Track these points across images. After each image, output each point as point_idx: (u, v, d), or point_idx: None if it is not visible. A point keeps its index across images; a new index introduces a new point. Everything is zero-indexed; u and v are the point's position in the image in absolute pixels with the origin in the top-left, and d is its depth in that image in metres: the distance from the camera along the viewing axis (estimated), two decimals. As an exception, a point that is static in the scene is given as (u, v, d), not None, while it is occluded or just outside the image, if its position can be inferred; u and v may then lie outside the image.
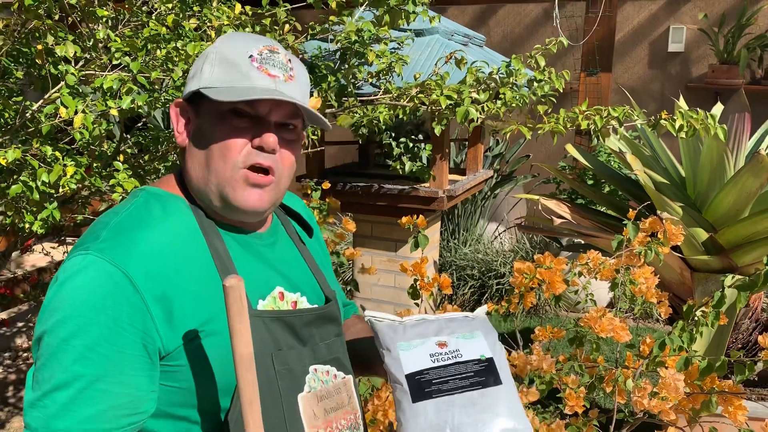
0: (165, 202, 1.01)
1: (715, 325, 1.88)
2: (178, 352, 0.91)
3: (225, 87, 0.96)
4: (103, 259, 0.89)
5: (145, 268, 0.90)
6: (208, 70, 0.99)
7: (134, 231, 0.94)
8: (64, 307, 0.87)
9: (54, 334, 0.87)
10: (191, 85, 1.01)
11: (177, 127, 1.04)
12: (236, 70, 0.97)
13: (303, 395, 1.01)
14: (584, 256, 2.01)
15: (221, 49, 1.00)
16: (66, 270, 0.90)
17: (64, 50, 1.65)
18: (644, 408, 1.67)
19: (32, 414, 0.86)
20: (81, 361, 0.85)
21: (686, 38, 5.84)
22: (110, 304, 0.87)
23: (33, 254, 4.81)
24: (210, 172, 0.98)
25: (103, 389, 0.86)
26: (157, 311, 0.90)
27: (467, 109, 1.82)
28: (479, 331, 1.13)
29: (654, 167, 3.21)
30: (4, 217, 1.97)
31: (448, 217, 5.32)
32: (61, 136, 2.23)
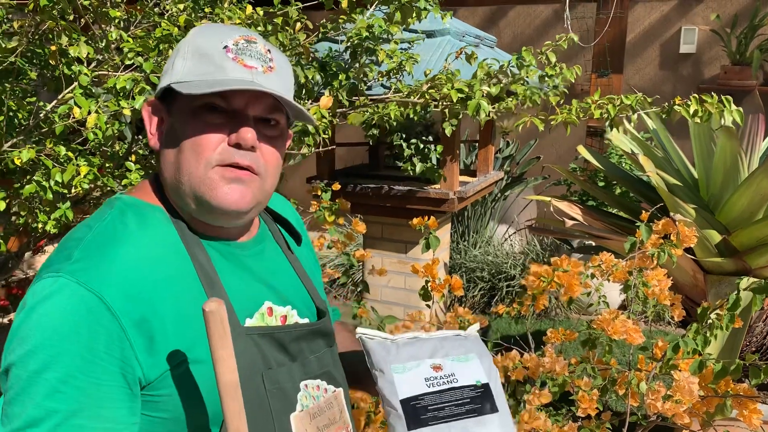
0: (142, 213, 0.92)
1: (730, 328, 1.87)
2: (160, 380, 0.84)
3: (197, 81, 0.88)
4: (75, 282, 0.81)
5: (122, 291, 0.82)
6: (180, 64, 0.91)
7: (109, 248, 0.85)
8: (34, 336, 0.79)
9: (23, 366, 0.79)
10: (162, 82, 0.93)
11: (150, 128, 0.96)
12: (209, 62, 0.89)
13: (295, 415, 0.95)
14: (597, 258, 1.99)
15: (194, 41, 0.92)
16: (35, 294, 0.82)
17: (77, 51, 1.66)
18: (658, 411, 1.65)
19: None
20: (54, 396, 0.78)
21: (698, 39, 5.80)
22: (84, 332, 0.79)
23: (45, 255, 4.84)
24: (182, 173, 0.90)
25: (80, 425, 0.79)
26: (136, 337, 0.82)
27: (479, 103, 1.80)
28: (474, 354, 1.11)
29: (666, 169, 3.19)
30: (18, 217, 1.98)
31: (457, 219, 5.31)
32: (74, 136, 2.23)
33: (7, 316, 4.35)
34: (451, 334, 1.14)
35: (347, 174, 3.35)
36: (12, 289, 4.26)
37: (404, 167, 2.96)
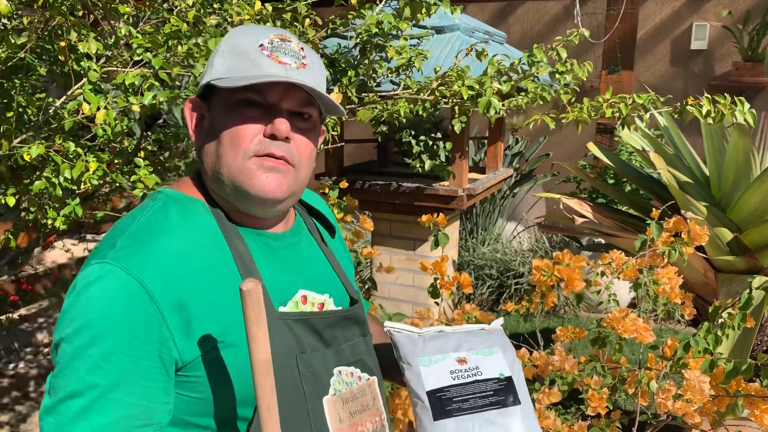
0: (183, 206, 0.98)
1: (741, 327, 1.85)
2: (196, 362, 0.90)
3: (235, 77, 0.94)
4: (119, 268, 0.87)
5: (162, 277, 0.88)
6: (219, 62, 0.97)
7: (151, 238, 0.92)
8: (81, 317, 0.86)
9: (70, 343, 0.86)
10: (203, 80, 1.00)
11: (190, 125, 1.02)
12: (246, 59, 0.94)
13: (328, 398, 0.99)
14: (607, 255, 1.98)
15: (232, 40, 0.98)
16: (83, 279, 0.89)
17: (86, 47, 1.66)
18: (668, 410, 1.64)
19: (47, 420, 0.86)
20: (96, 371, 0.85)
21: (709, 35, 5.76)
22: (125, 314, 0.86)
23: (54, 251, 4.86)
24: (221, 164, 0.95)
25: (117, 399, 0.85)
26: (174, 321, 0.88)
27: (489, 100, 1.79)
28: (498, 348, 1.14)
29: (677, 166, 3.16)
30: (27, 213, 1.98)
31: (466, 216, 5.30)
32: (83, 133, 2.24)
33: (18, 311, 4.38)
34: (476, 329, 1.17)
35: (356, 171, 3.34)
36: (22, 284, 4.28)
37: (413, 164, 2.95)
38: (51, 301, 4.63)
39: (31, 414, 3.59)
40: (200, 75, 1.02)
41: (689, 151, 3.31)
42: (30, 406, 3.67)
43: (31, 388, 3.86)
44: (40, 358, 4.09)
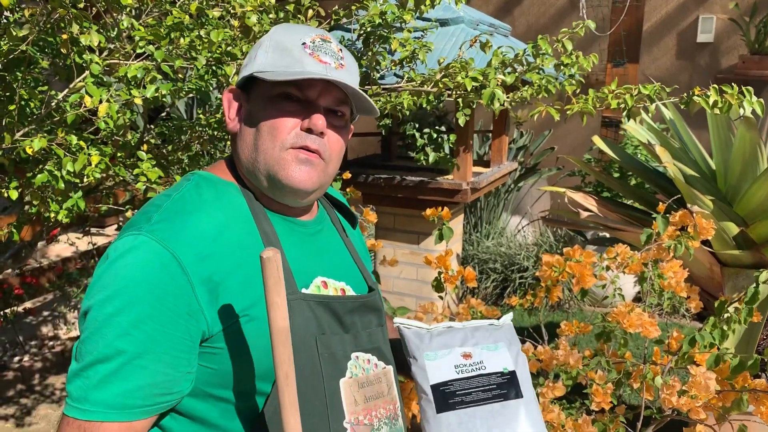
0: (216, 186, 1.03)
1: (748, 322, 1.83)
2: (220, 335, 0.93)
3: (278, 71, 0.99)
4: (153, 239, 0.91)
5: (193, 251, 0.92)
6: (262, 56, 1.02)
7: (185, 214, 0.96)
8: (113, 284, 0.89)
9: (100, 310, 0.89)
10: (244, 72, 1.04)
11: (228, 113, 1.06)
12: (289, 55, 1.00)
13: (345, 380, 1.02)
14: (613, 249, 1.96)
15: (275, 36, 1.03)
16: (117, 249, 0.92)
17: (88, 39, 1.65)
18: (673, 406, 1.63)
19: (74, 383, 0.89)
20: (124, 338, 0.87)
21: (716, 28, 5.71)
22: (157, 283, 0.89)
23: (58, 244, 4.87)
24: (258, 152, 1.01)
25: (143, 366, 0.88)
26: (202, 294, 0.91)
27: (493, 92, 1.78)
28: (503, 342, 1.16)
29: (683, 159, 3.14)
30: (30, 206, 1.98)
31: (470, 210, 5.28)
32: (86, 126, 2.23)
33: (22, 304, 4.39)
34: (485, 324, 1.20)
35: (359, 164, 3.33)
36: (26, 277, 4.29)
37: (417, 157, 2.94)
38: (55, 294, 4.64)
39: (36, 407, 3.60)
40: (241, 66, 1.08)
41: (695, 145, 3.28)
42: (35, 399, 3.68)
43: (35, 381, 3.87)
44: (44, 352, 4.10)
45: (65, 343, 4.21)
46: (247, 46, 1.77)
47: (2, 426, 3.40)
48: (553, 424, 1.60)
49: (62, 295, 4.58)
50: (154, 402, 0.90)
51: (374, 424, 1.05)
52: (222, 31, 1.68)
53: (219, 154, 2.51)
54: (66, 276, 4.51)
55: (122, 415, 0.88)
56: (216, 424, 0.96)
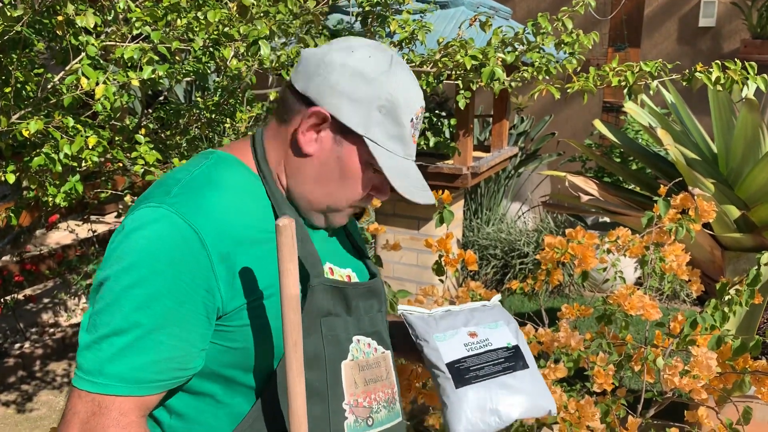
0: (234, 167, 1.02)
1: (749, 304, 1.83)
2: (235, 313, 0.92)
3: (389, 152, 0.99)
4: (174, 213, 0.89)
5: (213, 227, 0.91)
6: (377, 119, 0.98)
7: (205, 190, 0.94)
8: (131, 256, 0.87)
9: (117, 281, 0.87)
10: (350, 114, 0.97)
11: (307, 130, 0.99)
12: (400, 134, 1.00)
13: (346, 362, 1.03)
14: (614, 232, 1.95)
15: (393, 94, 0.98)
16: (135, 220, 0.90)
17: (84, 21, 1.63)
18: (675, 386, 1.62)
19: (86, 355, 0.87)
20: (142, 310, 0.86)
21: (718, 12, 5.67)
22: (177, 257, 0.87)
23: (58, 231, 4.86)
24: (327, 196, 1.02)
25: (159, 340, 0.87)
26: (221, 271, 0.90)
27: (493, 70, 1.75)
28: (501, 321, 1.26)
29: (685, 143, 3.13)
30: (28, 191, 1.97)
31: (470, 196, 5.27)
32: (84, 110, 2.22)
33: (23, 291, 4.39)
34: (479, 305, 1.29)
35: (359, 149, 3.31)
36: (26, 264, 4.28)
37: (417, 141, 2.92)
38: (55, 281, 4.64)
39: (37, 393, 3.61)
40: (339, 92, 0.97)
41: (697, 128, 3.27)
42: (36, 386, 3.69)
43: (36, 367, 3.88)
44: (45, 338, 4.11)
45: (66, 330, 4.21)
46: (245, 27, 1.75)
47: (4, 412, 3.41)
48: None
49: (62, 282, 4.57)
50: (169, 377, 0.90)
51: (373, 407, 1.06)
52: (219, 11, 1.66)
53: (217, 138, 2.49)
54: (66, 263, 4.50)
55: (137, 389, 0.87)
56: (219, 400, 0.96)
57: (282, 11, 1.90)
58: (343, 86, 0.97)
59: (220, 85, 2.25)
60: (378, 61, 0.99)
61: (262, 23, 1.74)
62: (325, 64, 0.98)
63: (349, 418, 1.02)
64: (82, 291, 4.48)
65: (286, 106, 1.02)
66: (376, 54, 0.99)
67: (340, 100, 0.97)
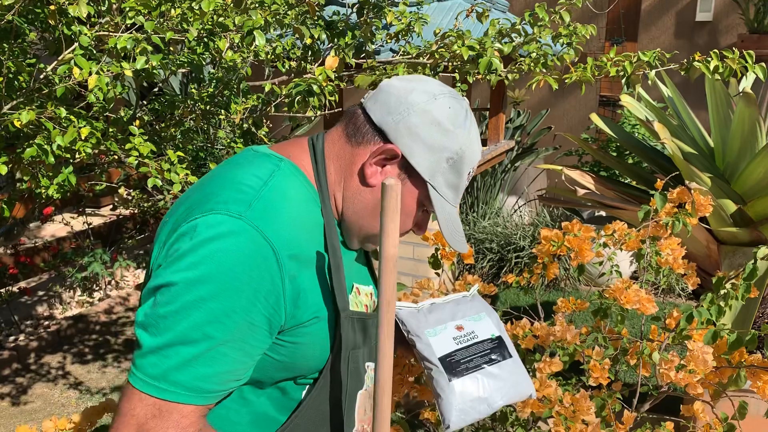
0: (301, 182, 1.01)
1: (745, 298, 1.82)
2: (291, 330, 0.94)
3: (444, 200, 1.03)
4: (256, 230, 0.89)
5: (288, 247, 0.91)
6: (444, 168, 1.01)
7: (282, 207, 0.94)
8: (208, 266, 0.86)
9: (191, 289, 0.86)
10: (421, 158, 1.00)
11: (375, 162, 1.01)
12: (457, 188, 1.04)
13: (361, 392, 1.07)
14: (610, 226, 1.95)
15: (463, 149, 1.01)
16: (210, 225, 0.88)
17: (77, 10, 1.61)
18: (671, 381, 1.62)
19: (150, 359, 0.87)
20: (214, 324, 0.86)
21: (715, 7, 5.66)
22: (256, 276, 0.88)
23: (53, 224, 4.84)
24: (371, 223, 1.03)
25: (225, 353, 0.88)
26: (289, 290, 0.91)
27: (490, 60, 1.74)
28: (484, 313, 1.33)
29: (682, 136, 3.12)
30: (21, 183, 1.95)
31: (467, 190, 5.27)
32: (77, 102, 2.20)
33: (17, 284, 4.37)
34: (459, 296, 1.36)
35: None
36: (20, 256, 4.27)
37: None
38: (50, 274, 4.62)
39: (32, 386, 3.60)
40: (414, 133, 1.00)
41: (694, 122, 3.26)
42: (30, 378, 3.68)
43: (31, 360, 3.86)
44: (40, 331, 4.09)
45: (60, 322, 4.20)
46: (240, 17, 1.73)
47: (-2, 405, 3.40)
48: (550, 399, 1.59)
49: (57, 274, 4.56)
50: (227, 387, 0.91)
51: None
52: (213, 1, 1.64)
53: (212, 130, 2.47)
54: (61, 256, 4.48)
55: (198, 398, 0.88)
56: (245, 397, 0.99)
57: (277, 2, 1.89)
58: (420, 131, 0.99)
59: (215, 76, 2.24)
60: (456, 113, 1.01)
61: (257, 13, 1.73)
62: (407, 104, 0.99)
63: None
64: (77, 284, 4.46)
65: (357, 130, 1.01)
66: (455, 105, 1.01)
67: (415, 143, 0.99)
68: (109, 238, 5.01)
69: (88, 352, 3.98)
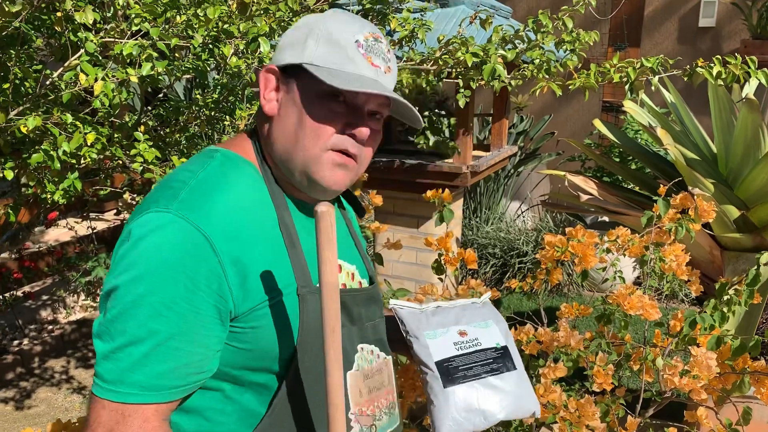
0: (239, 167, 1.01)
1: (748, 304, 1.82)
2: (246, 315, 0.93)
3: (331, 68, 0.97)
4: (183, 219, 0.89)
5: (223, 232, 0.91)
6: (313, 45, 0.98)
7: (212, 193, 0.94)
8: (142, 264, 0.87)
9: (130, 289, 0.87)
10: (289, 56, 1.00)
11: (265, 93, 1.03)
12: (342, 53, 0.97)
13: (351, 372, 1.03)
14: (613, 232, 1.95)
15: (328, 26, 0.99)
16: (142, 226, 0.90)
17: (83, 17, 1.62)
18: (675, 386, 1.62)
19: (105, 366, 0.88)
20: (157, 318, 0.86)
21: (718, 12, 5.67)
22: (189, 264, 0.87)
23: (57, 229, 4.85)
24: (298, 147, 0.99)
25: (176, 347, 0.88)
26: (232, 274, 0.91)
27: (494, 67, 1.75)
28: (491, 320, 1.27)
29: (685, 142, 3.12)
30: (26, 188, 1.96)
31: (470, 195, 5.27)
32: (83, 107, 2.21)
33: (21, 288, 4.38)
34: (469, 303, 1.30)
35: (359, 148, 3.31)
36: (24, 261, 4.28)
37: (417, 140, 2.92)
38: (54, 278, 4.63)
39: (36, 390, 3.61)
40: (280, 46, 1.03)
41: (697, 128, 3.26)
42: (34, 383, 3.68)
43: (35, 364, 3.87)
44: (44, 335, 4.10)
45: (64, 327, 4.21)
46: (244, 24, 1.74)
47: (2, 409, 3.41)
48: (555, 404, 1.59)
49: (61, 279, 4.57)
50: (188, 381, 0.91)
51: (376, 415, 1.07)
52: (219, 7, 1.65)
53: (217, 135, 2.49)
54: (65, 260, 4.50)
55: (158, 396, 0.88)
56: (228, 396, 0.97)
57: (282, 8, 1.90)
58: (284, 39, 1.02)
59: (219, 82, 2.25)
60: (316, 15, 1.03)
61: (262, 20, 1.74)
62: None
63: (354, 428, 1.03)
64: (81, 288, 4.48)
65: None
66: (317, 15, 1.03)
67: (281, 51, 1.02)
68: (112, 243, 5.02)
69: (92, 357, 3.99)
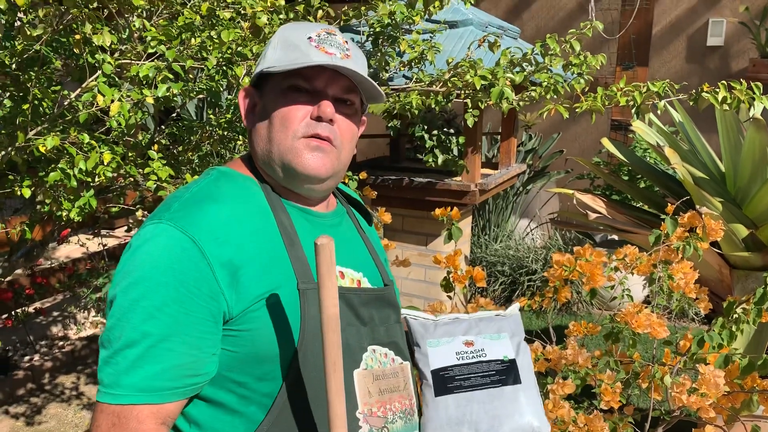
0: (234, 180, 1.06)
1: (756, 323, 1.82)
2: (241, 318, 0.95)
3: (285, 65, 1.02)
4: (173, 226, 0.94)
5: (212, 236, 0.95)
6: (271, 52, 1.05)
7: (204, 203, 0.99)
8: (135, 271, 0.92)
9: (125, 296, 0.92)
10: (256, 70, 1.08)
11: (244, 111, 1.10)
12: (297, 50, 1.03)
13: (358, 371, 1.04)
14: (621, 250, 1.96)
15: (283, 34, 1.07)
16: (139, 237, 0.96)
17: (101, 39, 1.67)
18: (683, 404, 1.62)
19: (105, 370, 0.91)
20: (149, 321, 0.90)
21: (726, 32, 5.69)
22: (178, 267, 0.91)
23: (68, 245, 4.90)
24: (272, 143, 1.04)
25: (169, 348, 0.90)
26: (223, 276, 0.94)
27: (502, 90, 1.78)
28: (506, 333, 1.22)
29: (692, 161, 3.13)
30: (42, 205, 2.00)
31: (478, 212, 5.28)
32: (98, 126, 2.26)
33: (33, 304, 4.42)
34: (492, 314, 1.26)
35: (368, 166, 3.34)
36: (37, 278, 4.32)
37: (426, 158, 2.94)
38: (65, 295, 4.67)
39: (46, 406, 3.63)
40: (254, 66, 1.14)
41: (705, 147, 3.27)
42: (45, 399, 3.70)
43: (45, 380, 3.90)
44: (54, 351, 4.13)
45: (75, 343, 4.24)
46: (258, 46, 1.78)
47: (13, 424, 3.43)
48: (564, 420, 1.60)
49: (72, 295, 4.60)
50: (183, 384, 0.93)
51: (388, 417, 1.06)
52: (233, 31, 1.69)
53: (229, 154, 2.52)
54: (76, 277, 4.53)
55: (153, 397, 0.90)
56: (234, 409, 0.98)
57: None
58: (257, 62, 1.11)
59: (232, 102, 2.29)
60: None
61: (275, 42, 1.77)
62: None
63: (363, 428, 1.02)
64: (92, 304, 4.51)
65: None
66: None
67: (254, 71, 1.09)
68: (123, 260, 5.05)
69: (102, 373, 4.00)
